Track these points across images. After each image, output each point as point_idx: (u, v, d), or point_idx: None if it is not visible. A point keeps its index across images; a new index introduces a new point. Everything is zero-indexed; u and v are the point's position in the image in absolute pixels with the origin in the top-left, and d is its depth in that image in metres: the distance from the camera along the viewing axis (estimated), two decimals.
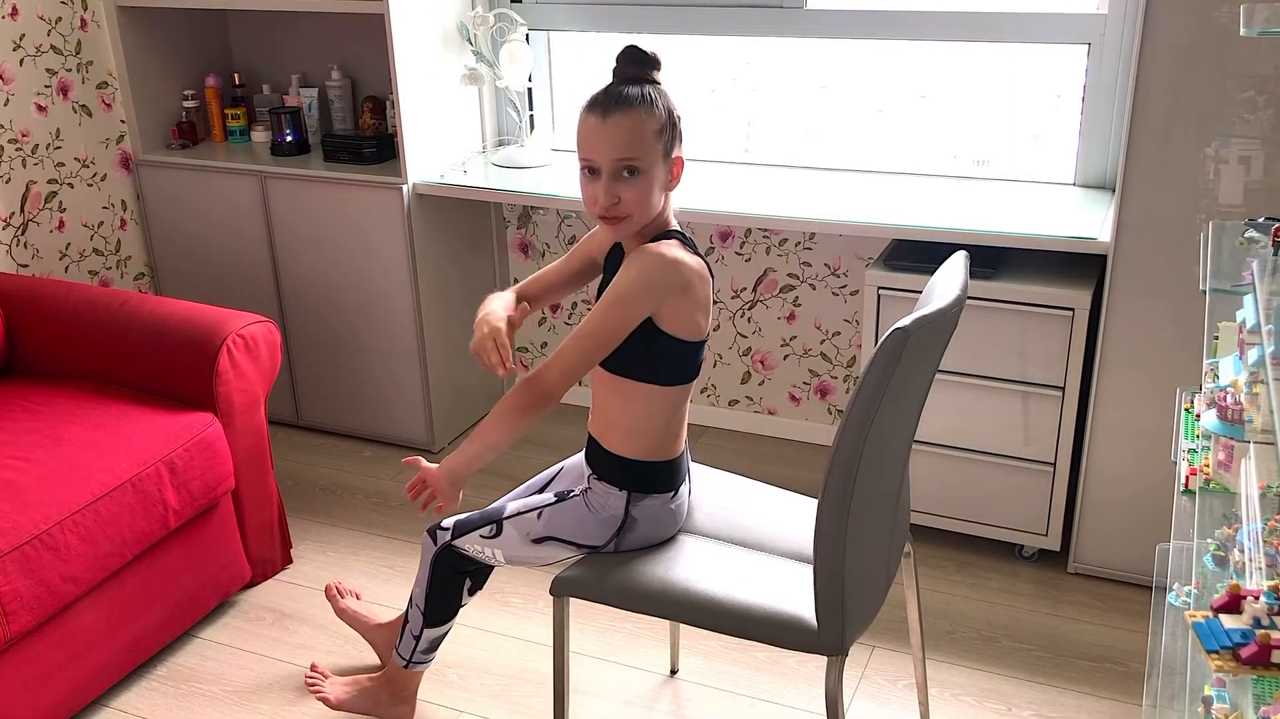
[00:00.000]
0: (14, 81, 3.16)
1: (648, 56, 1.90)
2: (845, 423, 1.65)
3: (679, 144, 1.91)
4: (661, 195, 1.92)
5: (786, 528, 2.06)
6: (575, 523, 2.03)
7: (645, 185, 1.88)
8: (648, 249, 1.89)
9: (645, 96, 1.87)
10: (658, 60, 1.91)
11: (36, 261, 3.30)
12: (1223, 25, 2.24)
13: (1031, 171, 3.05)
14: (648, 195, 1.89)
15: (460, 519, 2.13)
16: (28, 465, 2.30)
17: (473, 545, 2.11)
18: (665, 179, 1.91)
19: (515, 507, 2.10)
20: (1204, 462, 1.63)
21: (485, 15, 3.21)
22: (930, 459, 2.79)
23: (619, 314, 1.87)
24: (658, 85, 1.90)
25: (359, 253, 3.27)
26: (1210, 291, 1.78)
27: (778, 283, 3.33)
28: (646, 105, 1.86)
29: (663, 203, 1.94)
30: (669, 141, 1.89)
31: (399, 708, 2.32)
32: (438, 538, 2.15)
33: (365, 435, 3.51)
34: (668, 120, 1.88)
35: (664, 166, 1.90)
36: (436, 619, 2.21)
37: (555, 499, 2.07)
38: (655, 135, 1.87)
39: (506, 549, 2.09)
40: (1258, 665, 1.11)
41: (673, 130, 1.89)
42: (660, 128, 1.87)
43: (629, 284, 1.87)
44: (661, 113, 1.87)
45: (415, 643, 2.23)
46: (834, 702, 1.79)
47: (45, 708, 2.23)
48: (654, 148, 1.87)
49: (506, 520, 2.08)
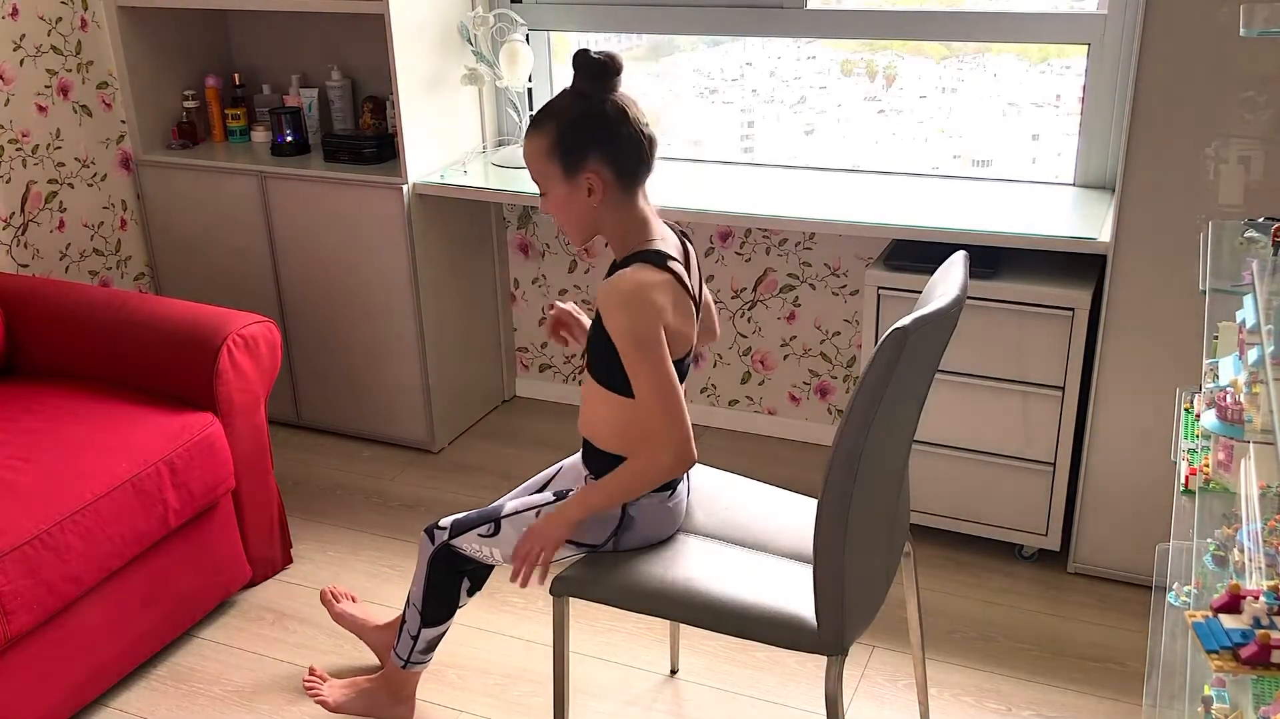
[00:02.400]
0: (14, 81, 3.16)
1: (589, 63, 1.84)
2: (845, 423, 1.65)
3: (596, 159, 1.84)
4: (586, 210, 1.88)
5: (786, 528, 2.06)
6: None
7: (554, 204, 1.90)
8: (607, 290, 1.84)
9: (544, 116, 1.86)
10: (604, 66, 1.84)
11: (36, 261, 3.30)
12: (1223, 25, 2.24)
13: (1031, 172, 3.05)
14: (561, 212, 1.90)
15: (458, 518, 2.13)
16: (28, 465, 2.30)
17: (470, 545, 2.11)
18: (579, 198, 1.87)
19: (514, 505, 2.09)
20: (1204, 461, 1.63)
21: (485, 15, 3.21)
22: (930, 459, 2.79)
23: (652, 356, 1.83)
24: (584, 97, 1.84)
25: (359, 252, 3.27)
26: (1210, 291, 1.78)
27: (778, 283, 3.33)
28: (540, 128, 1.86)
29: (621, 216, 1.89)
30: (567, 160, 1.85)
31: (397, 708, 2.32)
32: (435, 537, 2.14)
33: (365, 435, 3.51)
34: (565, 139, 1.84)
35: (568, 184, 1.86)
36: (434, 619, 2.21)
37: (554, 499, 2.07)
38: (545, 156, 1.86)
39: (504, 548, 2.08)
40: (1257, 665, 1.11)
41: (576, 148, 1.84)
42: (550, 147, 1.85)
43: (626, 333, 1.83)
44: (557, 133, 1.84)
45: (413, 643, 2.23)
46: (834, 702, 1.79)
47: (45, 708, 2.23)
48: (547, 167, 1.87)
49: (505, 519, 2.07)
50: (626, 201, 1.89)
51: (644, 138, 1.87)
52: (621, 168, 1.86)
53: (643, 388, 1.84)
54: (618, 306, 1.83)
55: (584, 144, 1.84)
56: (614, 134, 1.84)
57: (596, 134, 1.84)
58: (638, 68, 3.60)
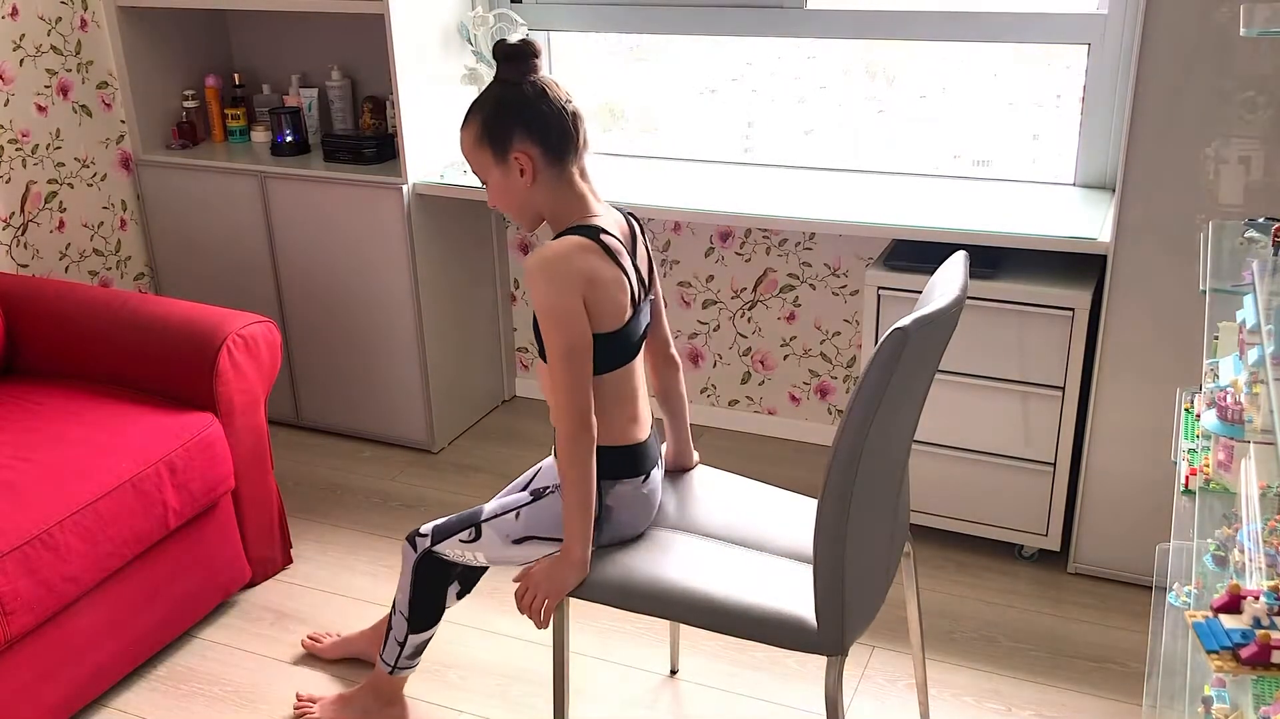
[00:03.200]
0: (14, 81, 3.16)
1: (508, 52, 1.90)
2: (845, 423, 1.65)
3: (521, 140, 1.88)
4: (523, 191, 1.91)
5: (786, 528, 2.06)
6: (553, 519, 2.03)
7: (494, 191, 1.95)
8: (528, 263, 1.87)
9: (470, 110, 1.92)
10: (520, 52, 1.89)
11: (36, 261, 3.30)
12: (1223, 25, 2.24)
13: (1031, 172, 3.05)
14: (500, 196, 1.94)
15: (439, 524, 2.13)
16: (28, 465, 2.30)
17: (453, 550, 2.12)
18: (513, 179, 1.91)
19: (493, 508, 2.10)
20: (1204, 462, 1.63)
21: (485, 15, 3.21)
22: (930, 459, 2.79)
23: (564, 329, 1.84)
24: (505, 84, 1.89)
25: (359, 252, 3.27)
26: (1210, 291, 1.78)
27: (778, 283, 3.33)
28: (468, 119, 1.92)
29: (557, 195, 1.92)
30: (495, 145, 1.89)
31: (390, 710, 2.32)
32: (417, 545, 2.15)
33: (365, 435, 3.51)
34: (489, 126, 1.89)
35: (502, 169, 1.91)
36: (421, 625, 2.22)
37: (531, 498, 2.07)
38: (475, 144, 1.91)
39: (488, 551, 2.09)
40: (1258, 665, 1.11)
41: (500, 132, 1.88)
42: (477, 135, 1.91)
43: (541, 301, 1.85)
44: (480, 122, 1.90)
45: (400, 649, 2.23)
46: (834, 702, 1.79)
47: (45, 708, 2.23)
48: (479, 155, 1.92)
49: (485, 523, 2.08)
50: (560, 179, 1.92)
51: (566, 113, 1.91)
52: (548, 144, 1.89)
53: (555, 356, 1.85)
54: (537, 276, 1.84)
55: (508, 125, 1.88)
56: (535, 112, 1.88)
57: (519, 114, 1.88)
58: (637, 67, 3.60)
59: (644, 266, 2.00)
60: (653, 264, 2.05)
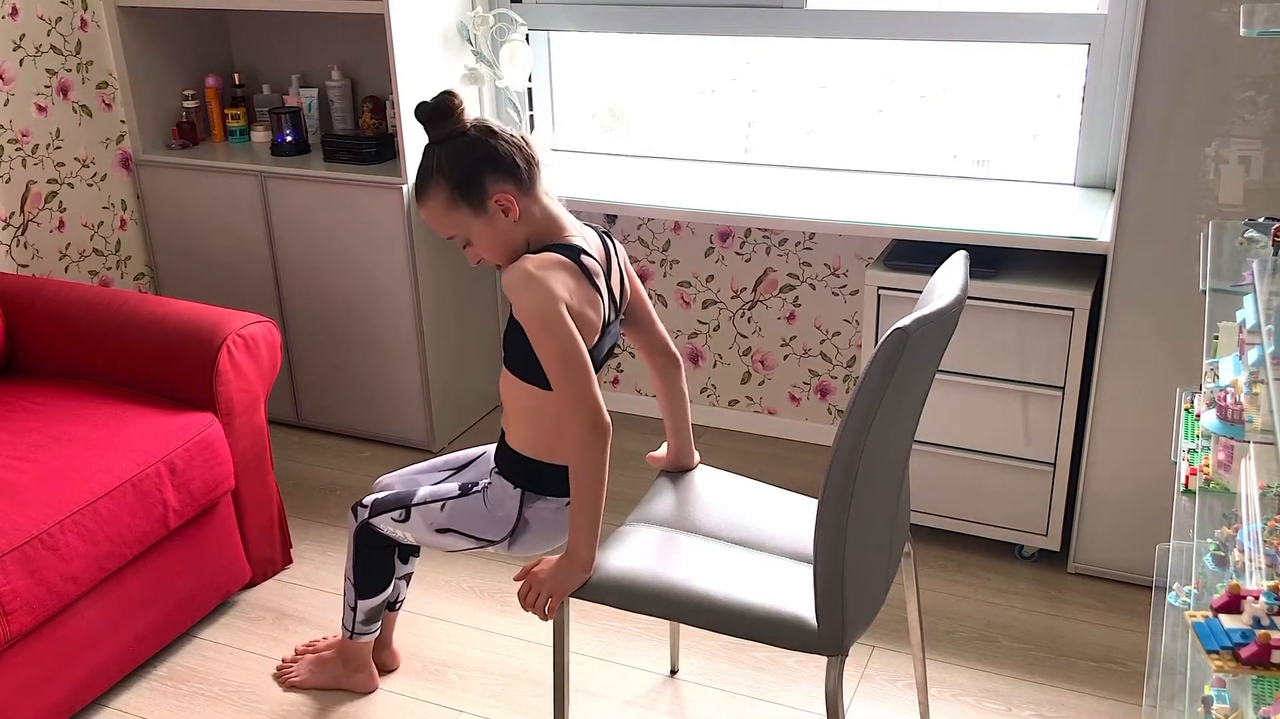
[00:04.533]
0: (14, 81, 3.16)
1: (429, 110, 1.89)
2: (845, 423, 1.65)
3: (493, 182, 1.88)
4: (511, 231, 1.92)
5: (786, 528, 2.06)
6: (473, 518, 2.08)
7: (482, 244, 1.93)
8: (509, 275, 1.86)
9: (424, 180, 1.90)
10: (442, 106, 1.88)
11: (36, 261, 3.30)
12: (1223, 25, 2.24)
13: (1031, 171, 3.05)
14: (492, 247, 1.93)
15: (377, 499, 2.20)
16: (28, 465, 2.30)
17: (386, 526, 2.19)
18: (499, 221, 1.91)
19: (424, 494, 2.15)
20: (1204, 462, 1.63)
21: (485, 15, 3.22)
22: (930, 459, 2.79)
23: (557, 333, 1.83)
24: (451, 138, 1.89)
25: (359, 253, 3.27)
26: (1210, 291, 1.78)
27: (778, 283, 3.33)
28: (427, 188, 1.90)
29: (532, 222, 1.92)
30: (470, 199, 1.89)
31: (358, 676, 2.42)
32: (357, 514, 2.23)
33: (365, 435, 3.51)
34: (455, 184, 1.88)
35: (485, 218, 1.90)
36: (368, 591, 2.29)
37: (459, 493, 2.11)
38: (448, 208, 1.90)
39: (415, 534, 2.16)
40: (1258, 665, 1.11)
41: (470, 184, 1.88)
42: (448, 199, 1.89)
43: (526, 310, 1.84)
44: (445, 185, 1.88)
45: (353, 614, 2.32)
46: (834, 702, 1.79)
47: (45, 708, 2.23)
48: (456, 217, 1.91)
49: (414, 507, 2.14)
50: (535, 205, 1.94)
51: (519, 140, 1.93)
52: (518, 176, 1.91)
53: (551, 364, 1.85)
54: (519, 288, 1.85)
55: (475, 174, 1.89)
56: (493, 151, 1.90)
57: (480, 160, 1.89)
58: (637, 67, 3.60)
59: (617, 288, 2.02)
60: (625, 280, 2.06)
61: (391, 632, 2.49)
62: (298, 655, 2.53)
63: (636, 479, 3.01)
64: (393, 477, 2.31)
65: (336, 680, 2.43)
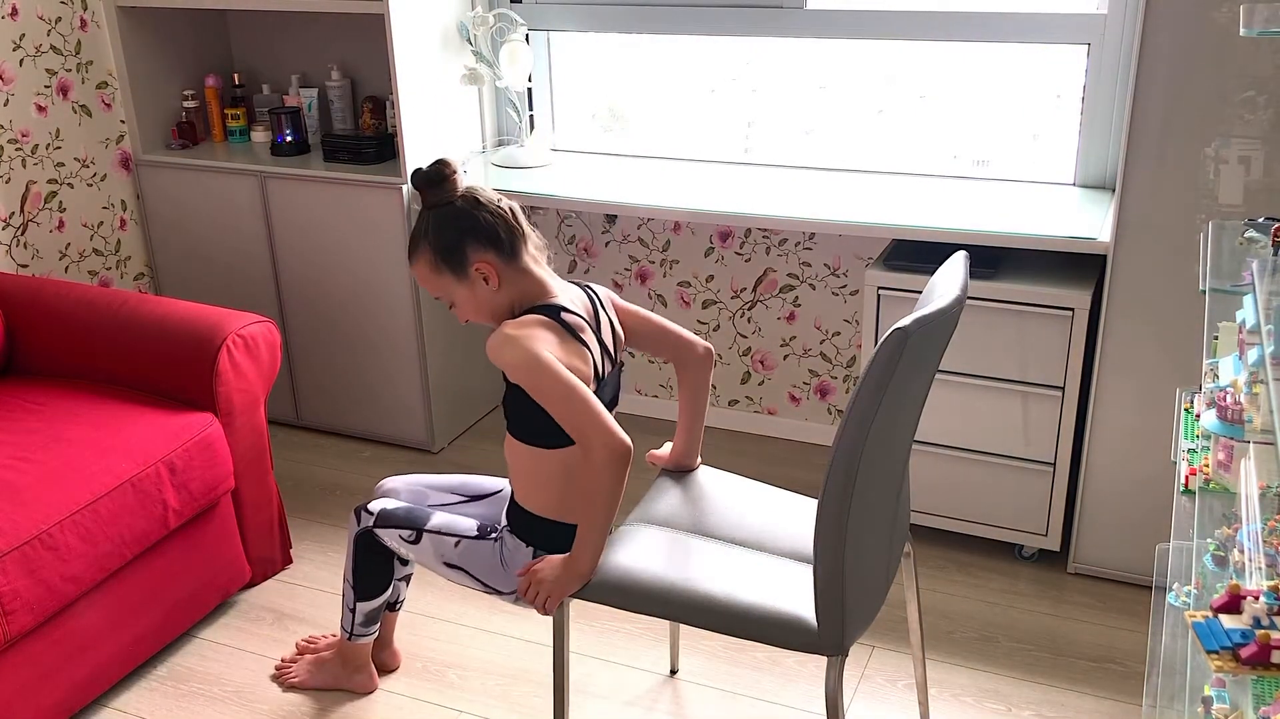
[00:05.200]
0: (14, 81, 3.16)
1: (425, 178, 1.95)
2: (845, 423, 1.65)
3: (476, 251, 1.94)
4: (492, 297, 1.97)
5: (786, 528, 2.06)
6: (486, 566, 2.08)
7: (465, 307, 2.00)
8: (492, 341, 1.90)
9: (413, 244, 1.97)
10: (437, 174, 1.94)
11: (36, 262, 3.30)
12: (1223, 25, 2.24)
13: (1031, 171, 3.05)
14: (475, 310, 1.99)
15: (386, 510, 2.18)
16: (28, 465, 2.30)
17: (392, 540, 2.17)
18: (479, 288, 1.96)
19: (439, 522, 2.12)
20: (1204, 462, 1.63)
21: (485, 15, 3.22)
22: (930, 459, 2.79)
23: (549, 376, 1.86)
24: (442, 204, 1.95)
25: (359, 253, 3.27)
26: (1210, 291, 1.78)
27: (778, 283, 3.33)
28: (416, 251, 1.97)
29: (516, 287, 1.97)
30: (452, 266, 1.95)
31: (357, 677, 2.42)
32: (361, 520, 2.20)
33: (365, 435, 3.51)
34: (440, 250, 1.94)
35: (466, 284, 1.96)
36: (367, 593, 2.29)
37: (476, 534, 2.10)
38: (433, 272, 1.97)
39: (420, 557, 2.14)
40: (1257, 665, 1.11)
41: (453, 251, 1.94)
42: (432, 264, 1.96)
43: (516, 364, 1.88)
44: (430, 250, 1.95)
45: (352, 616, 2.32)
46: (834, 702, 1.79)
47: (45, 708, 2.23)
48: (440, 281, 1.97)
49: (427, 533, 2.12)
50: (519, 273, 1.98)
51: (504, 211, 1.97)
52: (500, 246, 1.95)
53: (555, 406, 1.87)
54: (502, 350, 1.89)
55: (458, 243, 1.94)
56: (478, 221, 1.95)
57: (464, 229, 1.95)
58: (637, 67, 3.60)
59: (609, 339, 2.04)
60: (615, 331, 2.08)
61: (392, 632, 2.49)
62: (298, 653, 2.53)
63: (637, 479, 3.01)
64: (398, 482, 2.30)
65: (336, 681, 2.43)
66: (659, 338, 2.16)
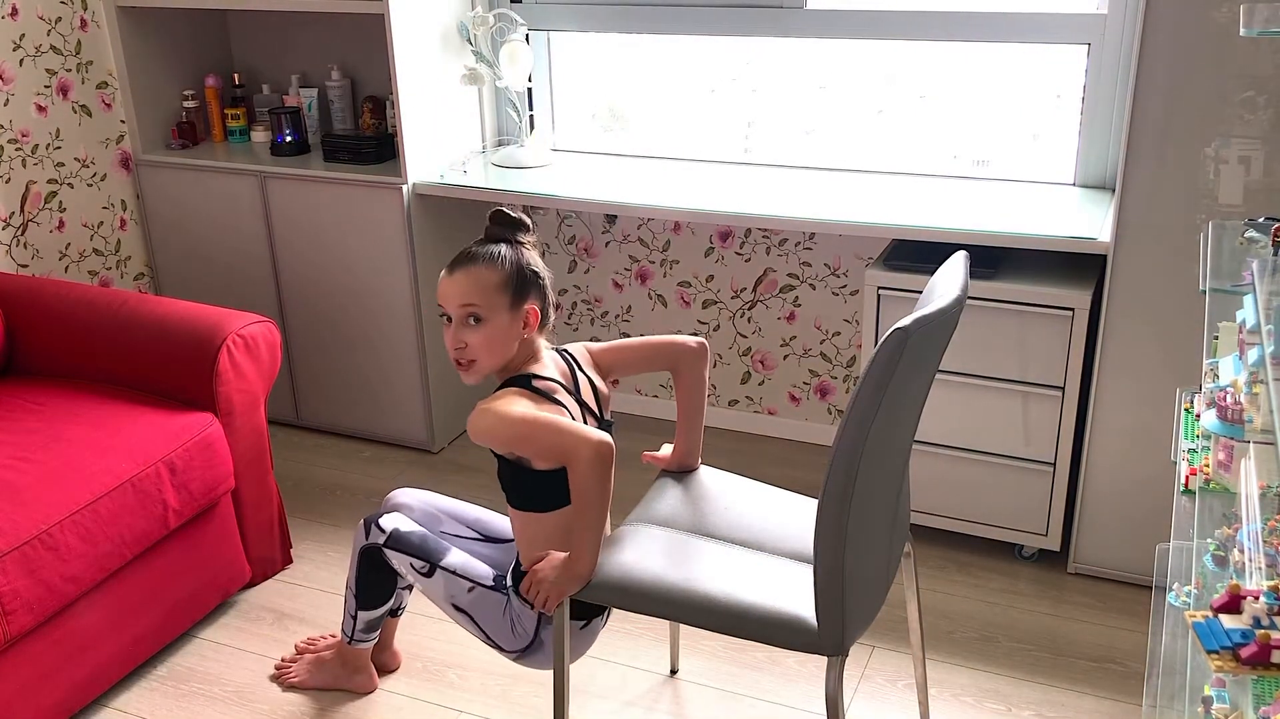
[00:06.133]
0: (14, 81, 3.16)
1: (511, 219, 2.02)
2: (845, 423, 1.65)
3: (534, 297, 1.99)
4: (513, 343, 1.99)
5: (786, 528, 2.06)
6: (494, 621, 2.09)
7: (489, 332, 1.97)
8: (472, 421, 1.93)
9: (492, 254, 1.99)
10: (523, 223, 2.02)
11: (36, 262, 3.30)
12: (1223, 25, 2.24)
13: (1031, 171, 3.05)
14: (493, 342, 1.98)
15: (400, 533, 2.17)
16: (28, 465, 2.30)
17: (402, 565, 2.17)
18: (515, 328, 1.98)
19: (455, 561, 2.13)
20: (1204, 462, 1.63)
21: (485, 15, 3.21)
22: (930, 459, 2.79)
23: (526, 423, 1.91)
24: (520, 245, 2.01)
25: (359, 253, 3.27)
26: (1210, 291, 1.78)
27: (778, 283, 3.33)
28: (491, 261, 1.98)
29: (519, 349, 2.00)
30: (516, 293, 1.97)
31: (357, 677, 2.43)
32: (369, 534, 2.20)
33: (365, 435, 3.51)
34: (515, 274, 1.98)
35: (511, 316, 1.98)
36: (370, 603, 2.30)
37: (491, 584, 2.10)
38: (498, 287, 1.97)
39: (428, 590, 2.15)
40: (1258, 665, 1.11)
41: (523, 284, 1.98)
42: (504, 280, 1.97)
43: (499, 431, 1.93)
44: (508, 268, 1.98)
45: (354, 623, 2.33)
46: (834, 702, 1.79)
47: (45, 708, 2.23)
48: (497, 298, 1.97)
49: (441, 570, 2.12)
50: (537, 340, 2.04)
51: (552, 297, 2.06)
52: (546, 311, 2.04)
53: (532, 444, 1.93)
54: (479, 421, 1.92)
55: (530, 282, 2.00)
56: (540, 277, 2.02)
57: (534, 275, 2.01)
58: (637, 67, 3.60)
59: (590, 398, 2.07)
60: (599, 393, 2.10)
61: (393, 635, 2.48)
62: (298, 653, 2.53)
63: (636, 479, 3.01)
64: (411, 498, 2.29)
65: (336, 681, 2.43)
66: (648, 357, 2.20)
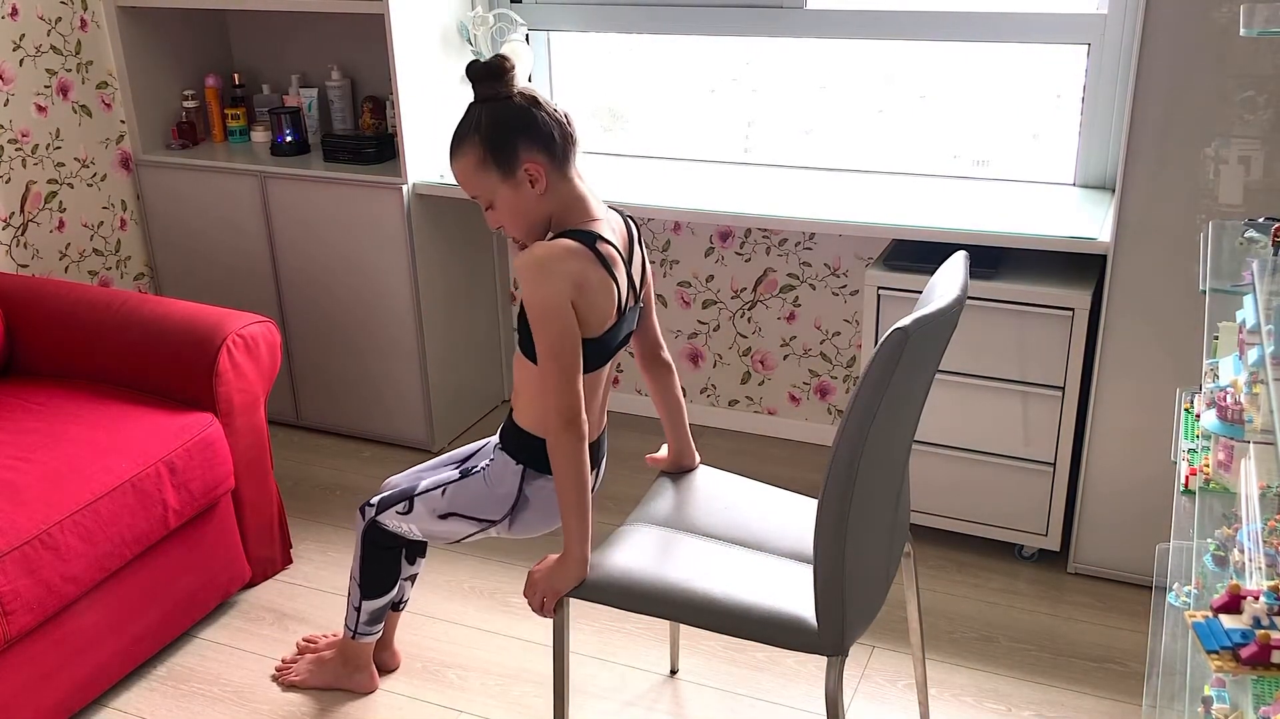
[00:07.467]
0: (14, 81, 3.16)
1: (482, 71, 1.88)
2: (845, 423, 1.65)
3: (525, 149, 1.87)
4: (534, 203, 1.91)
5: (786, 528, 2.06)
6: (474, 498, 2.09)
7: (504, 209, 1.92)
8: (519, 259, 1.87)
9: (461, 134, 1.90)
10: (496, 68, 1.87)
11: (36, 262, 3.30)
12: (1223, 25, 2.24)
13: (1031, 171, 3.05)
14: (513, 214, 1.92)
15: (384, 496, 2.21)
16: (28, 465, 2.30)
17: (392, 521, 2.19)
18: (524, 192, 1.90)
19: (426, 483, 2.16)
20: (1204, 462, 1.63)
21: (485, 15, 3.22)
22: (930, 459, 2.79)
23: (552, 326, 1.84)
24: (489, 102, 1.88)
25: (359, 253, 3.27)
26: (1210, 291, 1.78)
27: (778, 283, 3.33)
28: (462, 145, 1.89)
29: (547, 201, 1.91)
30: (501, 163, 1.88)
31: (357, 676, 2.42)
32: (365, 514, 2.23)
33: (365, 435, 3.51)
34: (490, 143, 1.87)
35: (511, 185, 1.90)
36: (373, 592, 2.30)
37: (459, 475, 2.12)
38: (479, 166, 1.89)
39: (419, 524, 2.16)
40: (1257, 665, 1.11)
41: (502, 147, 1.87)
42: (482, 157, 1.88)
43: (530, 298, 1.85)
44: (480, 141, 1.87)
45: (357, 615, 2.33)
46: (834, 702, 1.79)
47: (45, 708, 2.23)
48: (486, 177, 1.90)
49: (417, 497, 2.15)
50: (564, 183, 1.93)
51: (560, 117, 1.91)
52: (552, 150, 1.89)
53: (542, 352, 1.86)
54: (527, 273, 1.85)
55: (510, 139, 1.87)
56: (532, 120, 1.88)
57: (518, 126, 1.87)
58: (637, 67, 3.60)
59: (637, 274, 2.01)
60: (646, 269, 2.06)
61: (393, 632, 2.49)
62: (298, 653, 2.53)
63: (636, 479, 3.02)
64: (399, 476, 2.31)
65: (336, 680, 2.43)
66: (644, 317, 2.14)
